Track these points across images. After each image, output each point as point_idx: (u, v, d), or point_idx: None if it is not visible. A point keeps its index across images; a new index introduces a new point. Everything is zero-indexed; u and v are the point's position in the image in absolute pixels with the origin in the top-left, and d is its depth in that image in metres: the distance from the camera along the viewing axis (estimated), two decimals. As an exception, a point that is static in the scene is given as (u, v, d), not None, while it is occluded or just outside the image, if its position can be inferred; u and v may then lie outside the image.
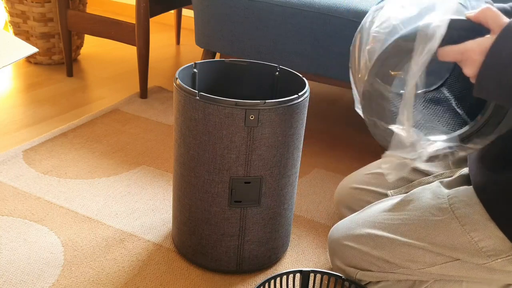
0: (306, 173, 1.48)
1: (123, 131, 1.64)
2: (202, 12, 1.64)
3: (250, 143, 0.94)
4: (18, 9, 2.04)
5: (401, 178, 1.08)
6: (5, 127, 1.62)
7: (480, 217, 0.83)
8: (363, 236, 0.94)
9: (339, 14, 1.45)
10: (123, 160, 1.47)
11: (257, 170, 0.96)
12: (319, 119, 1.87)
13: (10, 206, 1.22)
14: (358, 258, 0.95)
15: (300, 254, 1.15)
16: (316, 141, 1.68)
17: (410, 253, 0.89)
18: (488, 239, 0.82)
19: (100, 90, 1.98)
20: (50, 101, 1.83)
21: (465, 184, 0.91)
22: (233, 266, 1.06)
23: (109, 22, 1.90)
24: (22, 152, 1.46)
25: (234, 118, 0.91)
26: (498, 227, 0.82)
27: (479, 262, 0.84)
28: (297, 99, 0.96)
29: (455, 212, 0.85)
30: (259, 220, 1.02)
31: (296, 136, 0.99)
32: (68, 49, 2.01)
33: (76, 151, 1.50)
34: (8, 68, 2.11)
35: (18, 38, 1.27)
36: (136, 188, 1.34)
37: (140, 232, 1.17)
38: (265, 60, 1.59)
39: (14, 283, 0.99)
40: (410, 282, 0.93)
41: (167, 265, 1.08)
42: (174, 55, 2.48)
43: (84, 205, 1.25)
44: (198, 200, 1.00)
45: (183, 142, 0.99)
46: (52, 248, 1.10)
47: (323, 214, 1.30)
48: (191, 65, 1.08)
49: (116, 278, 1.03)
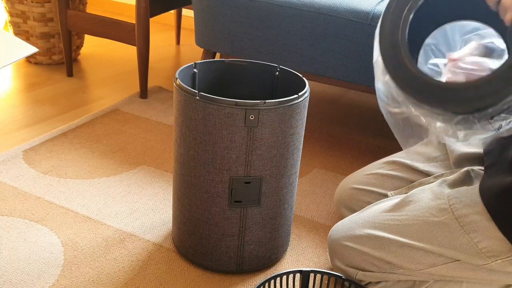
0: (306, 173, 1.48)
1: (123, 131, 1.64)
2: (202, 12, 1.65)
3: (250, 143, 0.94)
4: (18, 9, 2.04)
5: (401, 178, 1.08)
6: (5, 127, 1.62)
7: (480, 218, 0.83)
8: (363, 236, 0.94)
9: (339, 14, 1.45)
10: (123, 160, 1.47)
11: (257, 170, 0.96)
12: (319, 119, 1.87)
13: (10, 206, 1.22)
14: (358, 259, 0.95)
15: (300, 254, 1.15)
16: (316, 141, 1.68)
17: (410, 254, 0.89)
18: (488, 240, 0.82)
19: (100, 90, 1.98)
20: (50, 101, 1.83)
21: (468, 182, 0.91)
22: (233, 266, 1.06)
23: (109, 22, 1.90)
24: (22, 152, 1.46)
25: (234, 118, 0.91)
26: (498, 228, 0.81)
27: (479, 263, 0.83)
28: (297, 99, 0.96)
29: (455, 213, 0.85)
30: (259, 220, 1.02)
31: (296, 136, 0.99)
32: (68, 49, 2.01)
33: (76, 151, 1.50)
34: (8, 68, 2.11)
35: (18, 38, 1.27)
36: (136, 188, 1.34)
37: (140, 232, 1.17)
38: (265, 60, 1.59)
39: (14, 283, 0.99)
40: (410, 282, 0.93)
41: (167, 265, 1.08)
42: (174, 55, 2.48)
43: (84, 205, 1.25)
44: (198, 200, 1.00)
45: (183, 142, 0.99)
46: (52, 248, 1.10)
47: (323, 214, 1.30)
48: (191, 65, 1.08)
49: (116, 278, 1.03)
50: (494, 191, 0.82)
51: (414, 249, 0.88)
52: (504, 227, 0.81)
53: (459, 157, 0.99)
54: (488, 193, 0.83)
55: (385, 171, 1.10)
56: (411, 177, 1.06)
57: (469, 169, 0.92)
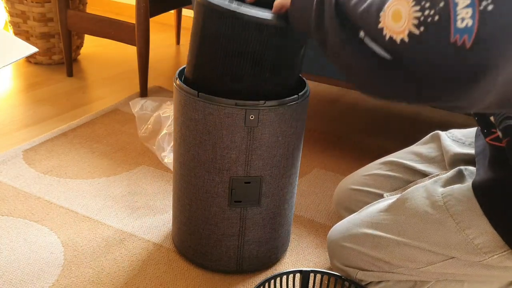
0: (306, 173, 1.48)
1: (123, 131, 1.64)
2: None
3: (250, 143, 0.94)
4: (18, 9, 2.04)
5: (399, 179, 1.08)
6: (5, 127, 1.62)
7: (474, 214, 0.83)
8: (360, 236, 0.94)
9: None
10: (123, 160, 1.47)
11: (257, 170, 0.96)
12: (319, 119, 1.87)
13: (10, 206, 1.22)
14: (357, 259, 0.95)
15: (300, 254, 1.15)
16: (316, 141, 1.68)
17: (407, 252, 0.89)
18: (483, 236, 0.82)
19: (100, 90, 1.98)
20: (50, 101, 1.83)
21: (461, 180, 0.91)
22: (233, 266, 1.06)
23: (109, 22, 1.90)
24: (22, 152, 1.46)
25: (234, 118, 0.91)
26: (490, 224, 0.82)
27: (476, 260, 0.84)
28: (297, 99, 0.96)
29: (449, 210, 0.85)
30: (259, 220, 1.02)
31: (296, 136, 0.99)
32: (68, 49, 2.01)
33: (76, 151, 1.50)
34: (8, 68, 2.11)
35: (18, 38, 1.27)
36: (136, 188, 1.34)
37: (140, 232, 1.17)
38: (265, 60, 1.58)
39: (14, 283, 0.99)
40: (411, 282, 0.93)
41: (167, 265, 1.08)
42: (174, 55, 2.48)
43: (84, 205, 1.25)
44: (198, 200, 1.00)
45: (183, 142, 0.99)
46: (52, 248, 1.10)
47: (323, 214, 1.30)
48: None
49: (116, 278, 1.03)
50: (484, 187, 0.83)
51: (410, 247, 0.88)
52: (496, 222, 0.81)
53: (453, 158, 0.99)
54: (480, 190, 0.84)
55: (383, 171, 1.11)
56: (409, 177, 1.06)
57: (462, 168, 0.93)
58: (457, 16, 0.56)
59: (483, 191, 0.83)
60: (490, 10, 0.55)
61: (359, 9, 0.68)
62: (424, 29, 0.59)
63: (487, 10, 0.55)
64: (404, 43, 0.61)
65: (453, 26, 0.56)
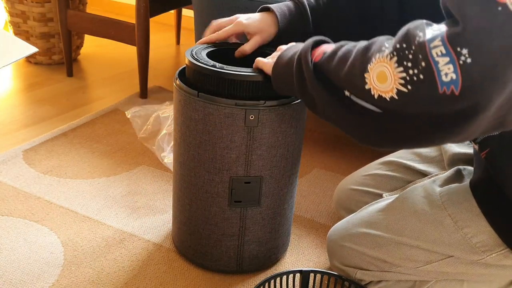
0: (306, 173, 1.48)
1: (123, 131, 1.64)
2: (202, 12, 1.64)
3: (250, 143, 0.94)
4: (18, 9, 2.04)
5: (399, 179, 1.08)
6: (5, 127, 1.62)
7: (472, 213, 0.83)
8: (359, 235, 0.94)
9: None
10: (123, 160, 1.47)
11: (257, 170, 0.96)
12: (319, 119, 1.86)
13: (10, 206, 1.22)
14: (356, 258, 0.95)
15: (300, 254, 1.15)
16: (316, 141, 1.68)
17: (405, 251, 0.89)
18: (481, 235, 0.82)
19: (100, 90, 1.98)
20: (50, 101, 1.83)
21: (459, 180, 0.91)
22: (233, 266, 1.06)
23: (109, 22, 1.90)
24: (22, 152, 1.46)
25: (234, 118, 0.91)
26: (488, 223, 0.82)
27: (474, 258, 0.84)
28: (297, 99, 0.96)
29: (447, 209, 0.86)
30: (259, 220, 1.02)
31: (296, 136, 0.99)
32: (68, 49, 2.01)
33: (76, 151, 1.50)
34: (8, 68, 2.11)
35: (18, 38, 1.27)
36: (136, 188, 1.34)
37: (140, 232, 1.17)
38: (265, 60, 1.58)
39: (14, 283, 0.99)
40: (410, 282, 0.94)
41: (167, 265, 1.08)
42: (174, 55, 2.48)
43: (84, 205, 1.25)
44: (198, 200, 1.00)
45: (183, 142, 0.99)
46: (52, 248, 1.10)
47: (323, 214, 1.30)
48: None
49: (116, 278, 1.03)
50: (481, 186, 0.84)
51: (409, 247, 0.89)
52: (493, 221, 0.81)
53: (452, 157, 1.00)
54: (477, 189, 0.84)
55: (382, 171, 1.11)
56: (409, 177, 1.07)
57: (461, 168, 0.93)
58: (441, 72, 0.59)
59: (480, 190, 0.84)
60: (469, 63, 0.57)
61: (341, 72, 0.71)
62: (412, 87, 0.61)
63: (466, 63, 0.57)
64: (395, 100, 0.63)
65: (439, 81, 0.59)
